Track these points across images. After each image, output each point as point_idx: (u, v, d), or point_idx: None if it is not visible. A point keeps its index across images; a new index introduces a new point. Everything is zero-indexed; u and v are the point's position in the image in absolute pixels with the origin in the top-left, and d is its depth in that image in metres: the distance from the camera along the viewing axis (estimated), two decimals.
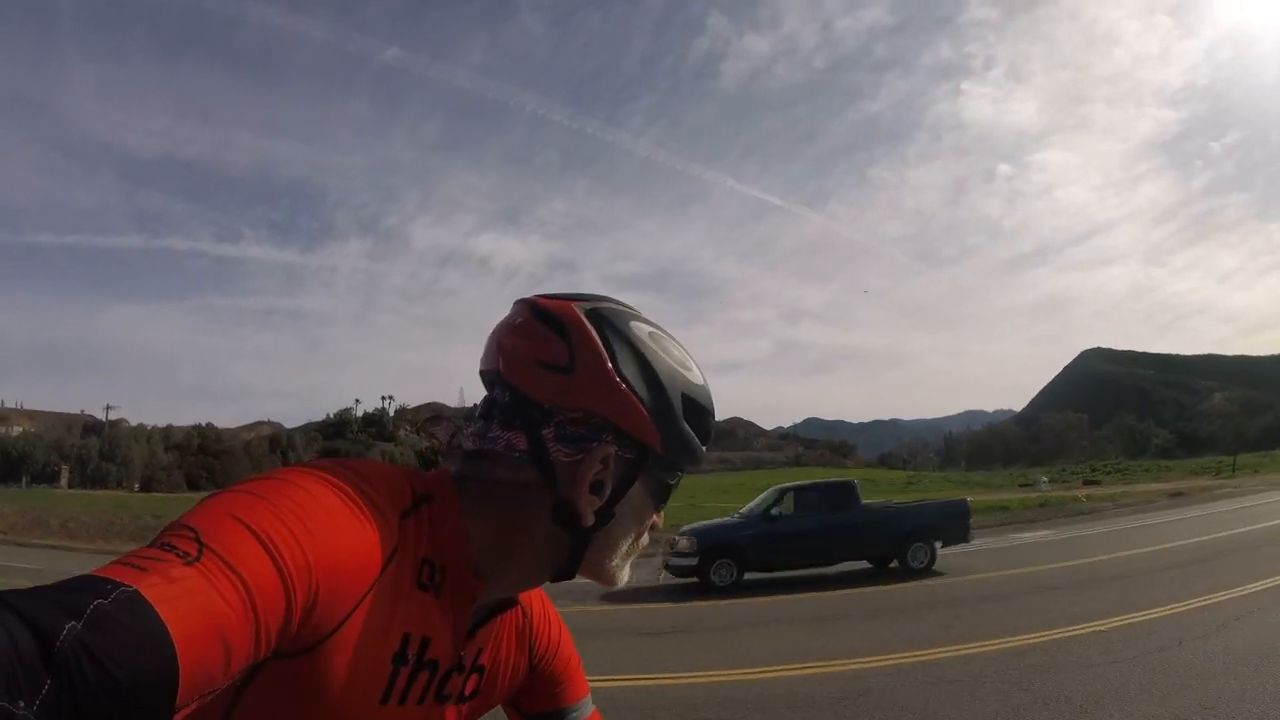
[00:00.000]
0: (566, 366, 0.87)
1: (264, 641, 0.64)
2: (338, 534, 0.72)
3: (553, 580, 0.95)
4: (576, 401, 0.87)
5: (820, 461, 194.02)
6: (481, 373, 0.95)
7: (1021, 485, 54.18)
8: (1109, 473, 66.24)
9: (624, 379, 0.87)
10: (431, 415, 1.00)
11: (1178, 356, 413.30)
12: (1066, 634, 8.31)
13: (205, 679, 0.58)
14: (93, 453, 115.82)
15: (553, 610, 1.15)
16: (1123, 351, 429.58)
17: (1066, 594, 11.07)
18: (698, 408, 0.94)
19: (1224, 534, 17.35)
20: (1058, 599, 10.69)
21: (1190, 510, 26.60)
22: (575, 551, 0.91)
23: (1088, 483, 54.16)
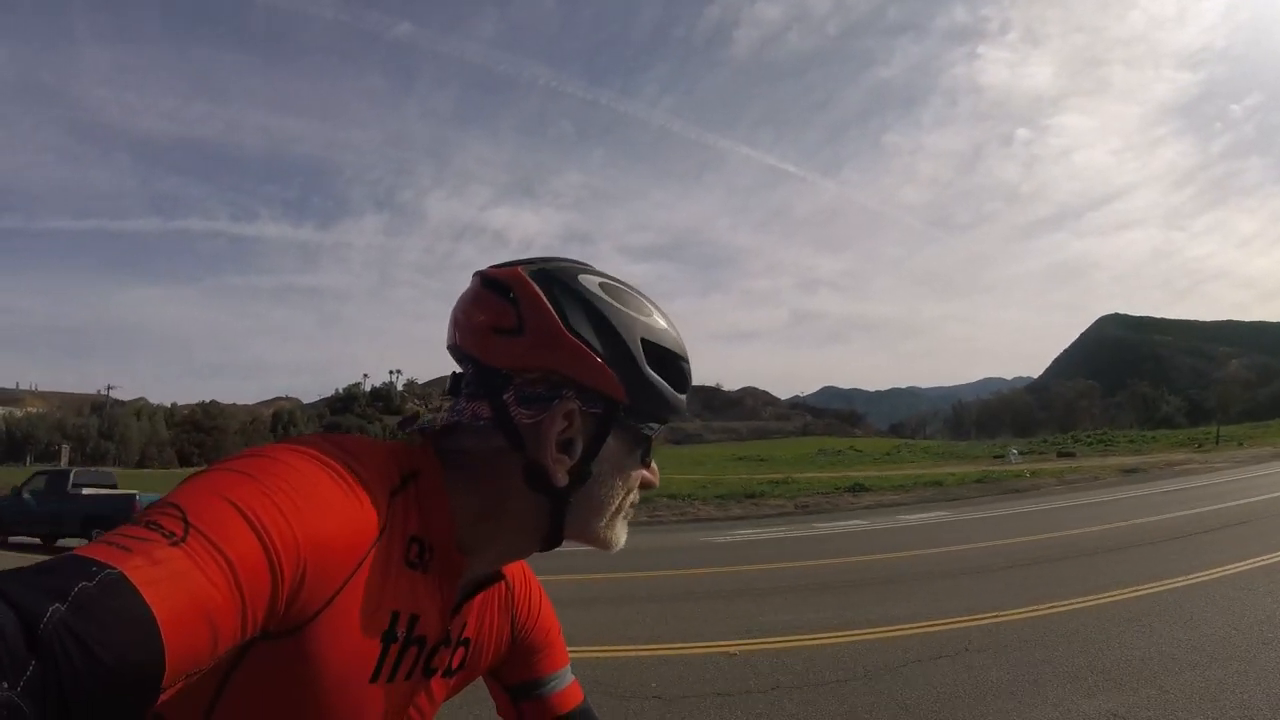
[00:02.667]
0: (515, 328, 0.88)
1: (250, 622, 0.64)
2: (326, 513, 0.72)
3: (542, 549, 0.94)
4: (530, 361, 0.87)
5: (828, 430, 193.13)
6: (448, 349, 0.95)
7: (995, 457, 52.39)
8: (1090, 444, 64.05)
9: (574, 331, 0.87)
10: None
11: (1195, 322, 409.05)
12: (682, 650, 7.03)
13: (191, 661, 0.58)
14: (92, 431, 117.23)
15: (534, 580, 1.17)
16: (1139, 317, 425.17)
17: (750, 600, 9.58)
18: (663, 353, 0.92)
19: (1129, 522, 15.63)
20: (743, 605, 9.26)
21: (1133, 490, 24.87)
22: (556, 515, 0.90)
23: (1062, 454, 52.32)
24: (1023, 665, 6.05)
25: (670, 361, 0.92)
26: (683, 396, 0.94)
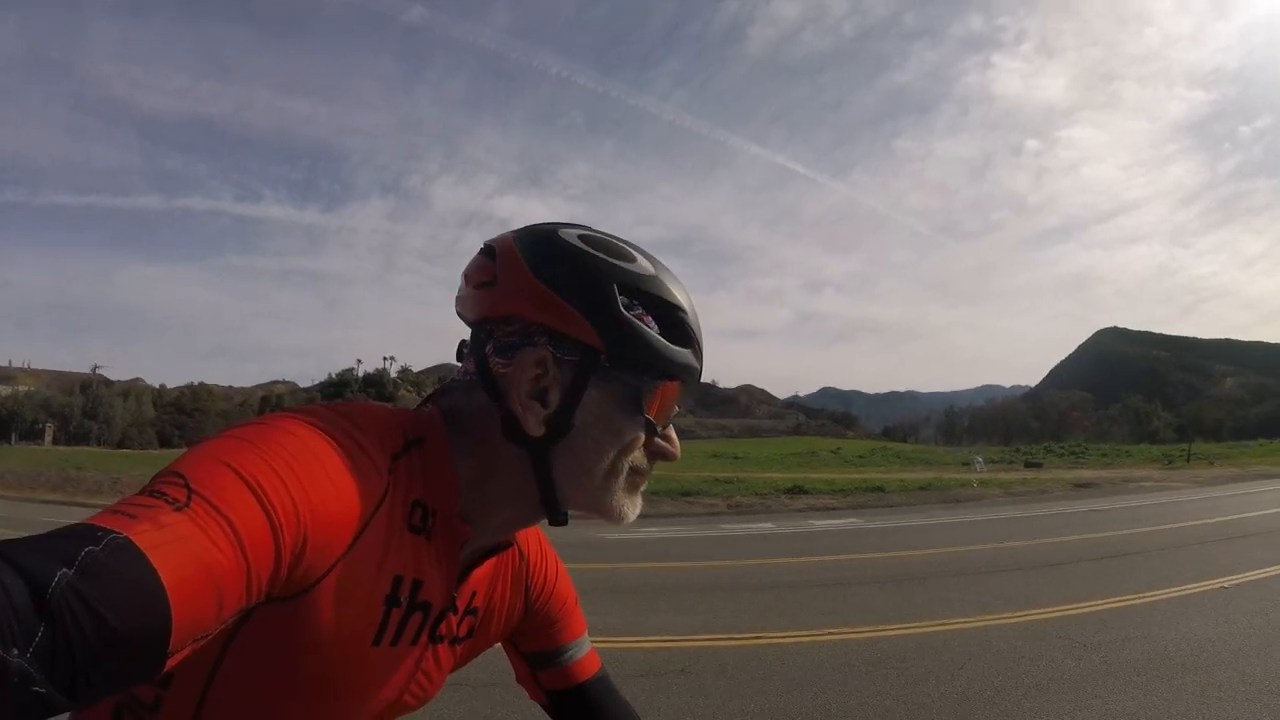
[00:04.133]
0: (491, 281, 0.89)
1: (255, 587, 0.64)
2: (326, 480, 0.72)
3: (547, 516, 0.92)
4: (501, 309, 0.88)
5: (820, 432, 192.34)
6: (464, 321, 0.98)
7: (963, 464, 51.45)
8: (1062, 455, 63.17)
9: (541, 277, 0.86)
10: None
11: (1193, 339, 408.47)
12: None
13: (197, 625, 0.59)
14: (76, 411, 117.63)
15: (550, 551, 1.17)
16: (1138, 332, 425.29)
17: None
18: (650, 297, 0.89)
19: (1033, 541, 15.02)
20: None
21: (1075, 505, 23.98)
22: (541, 471, 0.88)
23: (1030, 465, 51.51)
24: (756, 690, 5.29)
25: (661, 309, 0.89)
26: (684, 349, 0.89)
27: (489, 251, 0.92)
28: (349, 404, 0.84)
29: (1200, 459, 52.35)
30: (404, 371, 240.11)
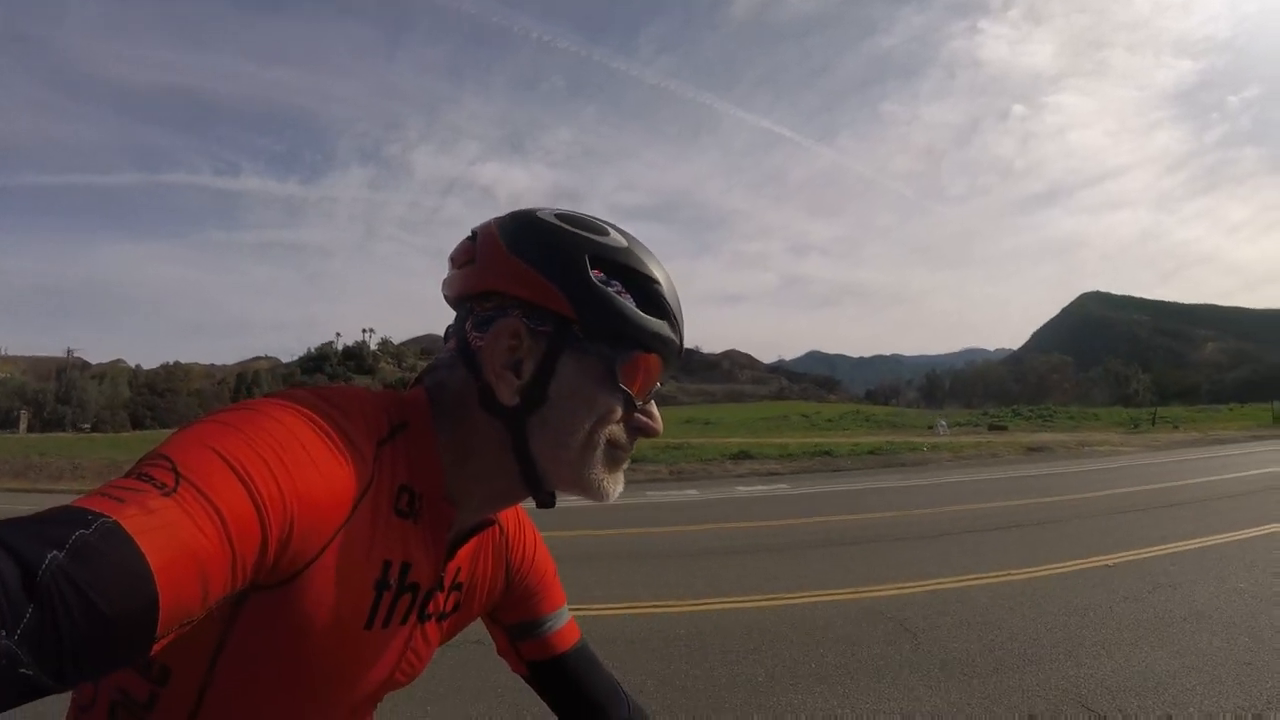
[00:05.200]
0: (472, 259, 0.91)
1: (240, 573, 0.65)
2: (312, 467, 0.73)
3: (534, 499, 0.94)
4: (478, 285, 0.90)
5: (803, 395, 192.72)
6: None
7: (928, 428, 50.93)
8: (1029, 418, 62.68)
9: (515, 252, 0.88)
10: None
11: (1175, 304, 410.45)
12: None
13: (184, 610, 0.59)
14: (50, 396, 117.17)
15: (528, 524, 1.19)
16: (1121, 296, 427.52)
17: None
18: (623, 269, 0.90)
19: (948, 508, 14.23)
20: None
21: (1020, 469, 23.39)
22: (519, 443, 0.89)
23: (994, 428, 50.82)
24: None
25: (634, 281, 0.90)
26: (658, 320, 0.90)
27: (472, 235, 0.94)
28: (334, 389, 0.86)
29: (1166, 423, 51.89)
30: (384, 344, 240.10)
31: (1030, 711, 4.49)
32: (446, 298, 0.96)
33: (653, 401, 0.94)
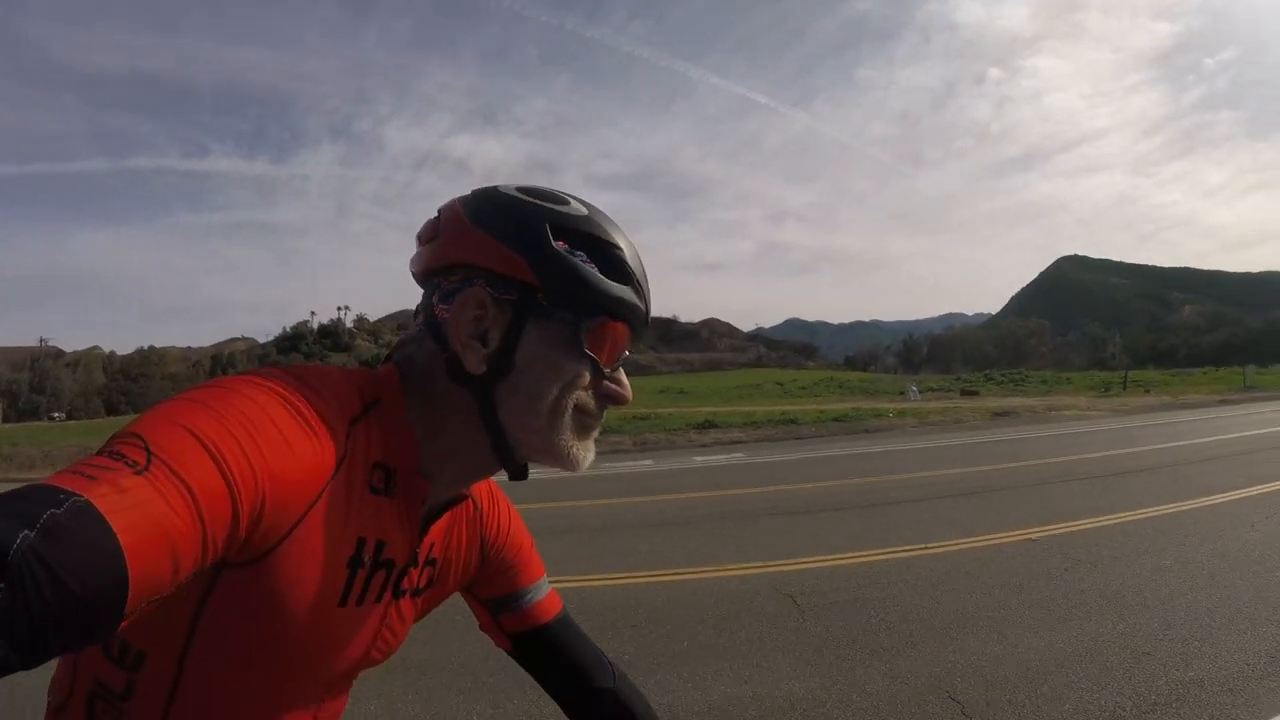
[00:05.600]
0: (436, 235, 0.92)
1: (210, 550, 0.65)
2: (284, 445, 0.73)
3: (506, 471, 0.95)
4: (443, 258, 0.91)
5: (781, 363, 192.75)
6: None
7: (899, 393, 50.79)
8: (1002, 383, 62.76)
9: (478, 224, 0.89)
10: None
11: (1153, 267, 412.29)
12: None
13: (153, 587, 0.60)
14: (24, 386, 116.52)
15: (502, 498, 1.20)
16: (1098, 260, 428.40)
17: None
18: (584, 236, 0.91)
19: (885, 478, 13.97)
20: None
21: (983, 435, 23.15)
22: (487, 412, 0.89)
23: (966, 393, 50.67)
24: None
25: (596, 247, 0.91)
26: (622, 286, 0.91)
27: (438, 213, 0.95)
28: (306, 367, 0.86)
29: (1138, 386, 51.95)
30: (360, 321, 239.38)
31: (894, 698, 4.23)
32: (414, 275, 0.96)
33: (621, 369, 0.95)
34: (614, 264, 0.91)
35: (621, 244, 0.92)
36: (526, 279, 0.87)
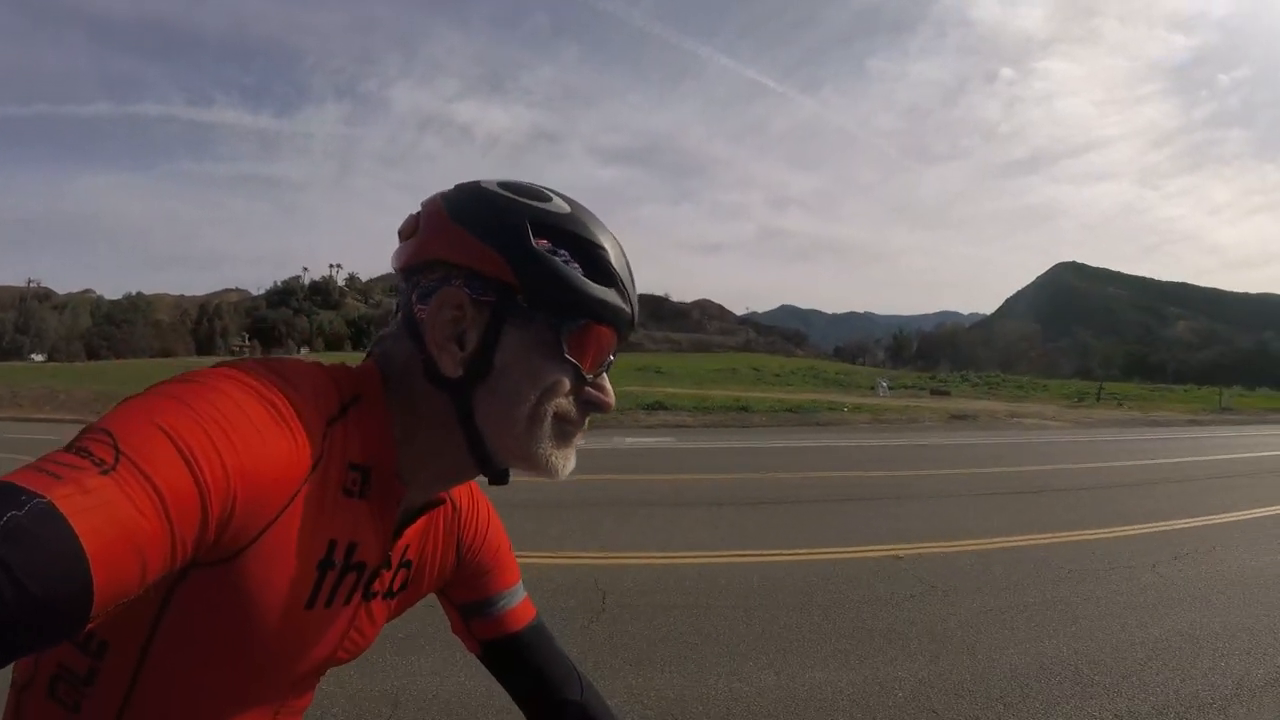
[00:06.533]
0: (415, 230, 0.89)
1: (179, 552, 0.64)
2: (259, 444, 0.71)
3: (486, 474, 0.92)
4: (421, 255, 0.88)
5: (770, 349, 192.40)
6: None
7: (870, 389, 50.26)
8: (977, 385, 62.23)
9: (457, 220, 0.86)
10: None
11: (1150, 280, 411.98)
12: None
13: (120, 590, 0.59)
14: (8, 326, 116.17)
15: (483, 500, 1.17)
16: (1097, 268, 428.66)
17: None
18: (567, 235, 0.87)
19: (792, 475, 13.26)
20: None
21: (929, 438, 22.61)
22: (464, 416, 0.86)
23: (936, 393, 50.17)
24: None
25: (579, 247, 0.87)
26: (605, 289, 0.87)
27: (420, 207, 0.92)
28: (284, 361, 0.83)
29: (1113, 399, 51.40)
30: (351, 279, 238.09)
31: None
32: (395, 270, 0.92)
33: (605, 375, 0.91)
34: (597, 265, 0.87)
35: (606, 244, 0.88)
36: (506, 279, 0.84)
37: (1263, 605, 5.99)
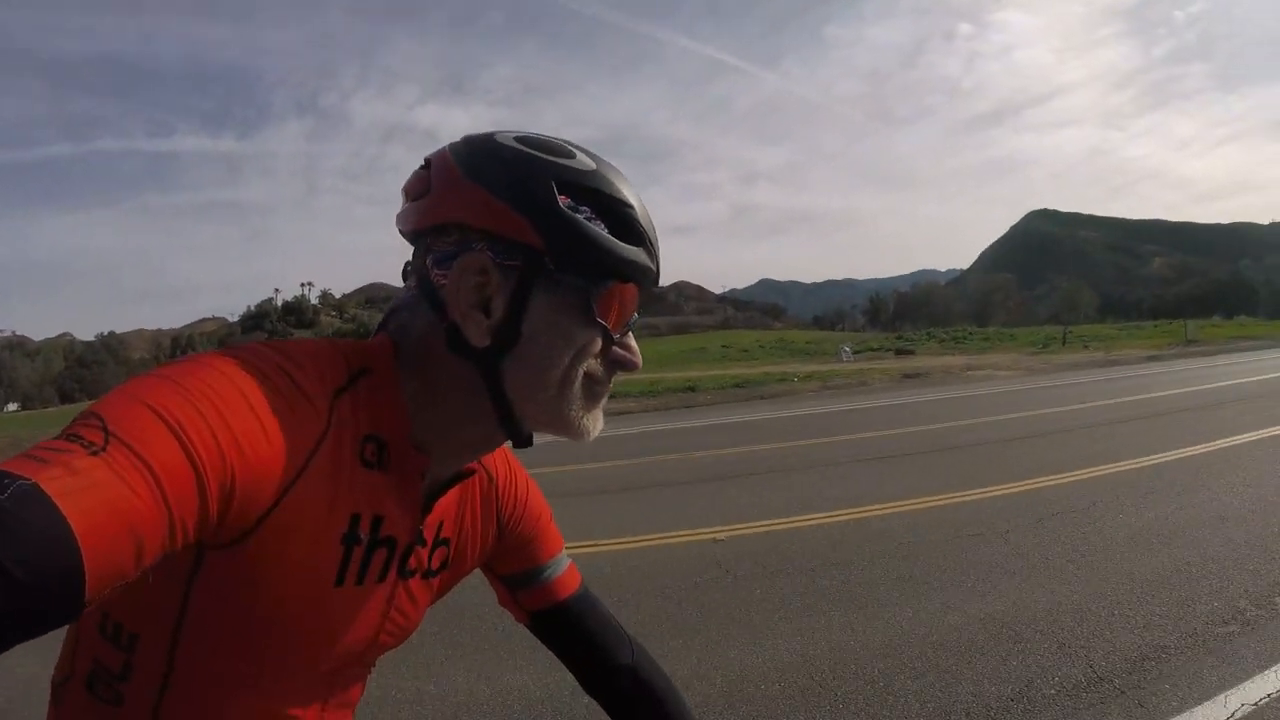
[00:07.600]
0: (427, 189, 0.85)
1: (179, 532, 0.62)
2: (255, 419, 0.69)
3: (511, 440, 0.89)
4: (435, 216, 0.83)
5: (749, 324, 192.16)
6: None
7: (832, 355, 49.75)
8: (943, 340, 61.79)
9: (473, 178, 0.82)
10: None
11: (1122, 220, 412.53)
12: None
13: (115, 572, 0.57)
14: None
15: (520, 470, 1.15)
16: (1067, 213, 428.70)
17: None
18: (593, 194, 0.83)
19: (724, 451, 12.57)
20: None
21: (874, 400, 21.96)
22: (492, 386, 0.83)
23: (900, 353, 49.76)
24: None
25: (606, 206, 0.83)
26: (634, 248, 0.84)
27: (426, 164, 0.87)
28: (288, 341, 0.81)
29: (1079, 342, 51.05)
30: (325, 296, 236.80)
31: None
32: (402, 233, 0.89)
33: (630, 333, 0.89)
34: (624, 223, 0.84)
35: (632, 200, 0.85)
36: (531, 242, 0.80)
37: (1124, 574, 5.40)
